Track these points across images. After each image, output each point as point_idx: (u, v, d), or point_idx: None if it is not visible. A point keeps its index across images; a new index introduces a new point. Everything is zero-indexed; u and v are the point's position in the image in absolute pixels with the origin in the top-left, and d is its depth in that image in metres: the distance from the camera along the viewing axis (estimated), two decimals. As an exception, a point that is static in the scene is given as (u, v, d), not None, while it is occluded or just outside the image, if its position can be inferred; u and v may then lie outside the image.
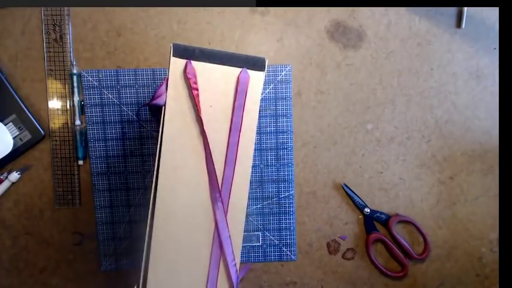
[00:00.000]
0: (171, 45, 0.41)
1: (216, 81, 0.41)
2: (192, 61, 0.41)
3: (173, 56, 0.41)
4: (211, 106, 0.41)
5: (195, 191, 0.42)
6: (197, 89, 0.41)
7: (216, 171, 0.42)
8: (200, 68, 0.41)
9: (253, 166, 0.62)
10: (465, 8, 0.61)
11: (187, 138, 0.41)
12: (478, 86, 0.63)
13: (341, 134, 0.63)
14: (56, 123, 0.61)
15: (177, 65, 0.41)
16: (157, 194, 0.41)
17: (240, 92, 0.41)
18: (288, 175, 0.63)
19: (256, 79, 0.42)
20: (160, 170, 0.41)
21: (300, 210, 0.63)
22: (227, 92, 0.41)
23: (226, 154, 0.42)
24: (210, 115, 0.41)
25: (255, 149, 0.62)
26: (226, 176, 0.42)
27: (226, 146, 0.42)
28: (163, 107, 0.42)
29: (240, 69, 0.41)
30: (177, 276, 0.42)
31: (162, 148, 0.41)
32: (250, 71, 0.41)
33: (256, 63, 0.41)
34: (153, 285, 0.41)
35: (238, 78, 0.41)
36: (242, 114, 0.41)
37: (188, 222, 0.42)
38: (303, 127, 0.63)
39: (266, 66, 0.42)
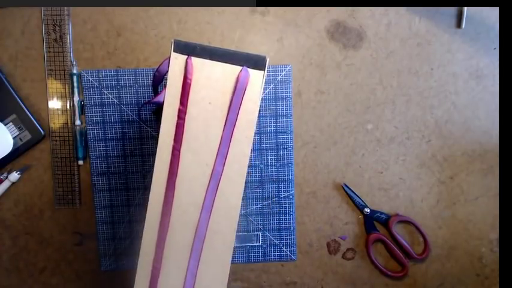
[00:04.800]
0: (173, 40, 0.41)
1: (216, 78, 0.41)
2: (192, 57, 0.41)
3: (174, 51, 0.41)
4: (210, 103, 0.41)
5: (188, 188, 0.42)
6: (190, 84, 0.41)
7: (207, 168, 0.42)
8: (201, 64, 0.41)
9: (253, 166, 0.62)
10: (465, 8, 0.61)
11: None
12: (478, 86, 0.63)
13: (341, 134, 0.63)
14: (56, 123, 0.61)
15: (177, 60, 0.41)
16: (151, 190, 0.41)
17: (239, 89, 0.41)
18: (288, 175, 0.63)
19: (256, 77, 0.41)
20: (155, 165, 0.41)
21: (300, 210, 0.63)
22: (227, 89, 0.41)
23: (218, 149, 0.42)
24: (209, 112, 0.41)
25: (255, 149, 0.62)
26: (215, 172, 0.42)
27: (219, 142, 0.42)
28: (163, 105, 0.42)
29: (241, 67, 0.41)
30: (165, 275, 0.42)
31: (159, 143, 0.41)
32: (250, 70, 0.41)
33: (257, 62, 0.41)
34: (140, 284, 0.42)
35: (238, 76, 0.41)
36: (238, 111, 0.41)
37: (180, 220, 0.42)
38: (303, 127, 0.63)
39: (267, 65, 0.42)
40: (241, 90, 0.41)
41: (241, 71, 0.41)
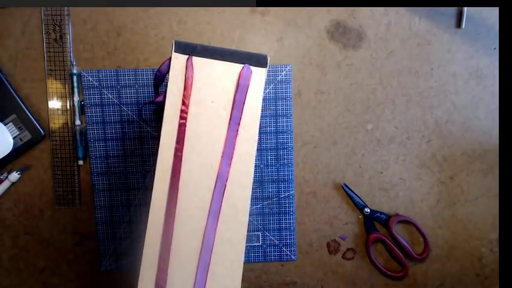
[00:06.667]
0: (173, 41, 0.41)
1: (217, 77, 0.41)
2: (193, 57, 0.41)
3: (175, 51, 0.41)
4: (212, 102, 0.41)
5: (193, 190, 0.41)
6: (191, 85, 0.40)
7: (211, 169, 0.41)
8: (202, 63, 0.41)
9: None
10: (465, 8, 0.61)
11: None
12: (478, 86, 0.63)
13: (341, 134, 0.63)
14: (56, 123, 0.61)
15: (178, 60, 0.41)
16: (152, 192, 0.40)
17: (241, 87, 0.41)
18: (288, 175, 0.63)
19: (258, 76, 0.41)
20: (157, 165, 0.40)
21: (300, 210, 0.63)
22: (229, 88, 0.41)
23: (223, 149, 0.41)
24: (211, 111, 0.41)
25: (255, 149, 0.62)
26: (221, 173, 0.40)
27: (224, 141, 0.41)
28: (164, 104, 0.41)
29: (242, 65, 0.41)
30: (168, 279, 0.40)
31: (160, 145, 0.40)
32: (252, 67, 0.41)
33: (259, 60, 0.41)
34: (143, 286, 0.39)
35: (240, 74, 0.41)
36: (242, 109, 0.41)
37: (185, 227, 0.40)
38: (303, 127, 0.63)
39: (268, 63, 0.42)
40: (244, 87, 0.41)
41: (243, 68, 0.41)
